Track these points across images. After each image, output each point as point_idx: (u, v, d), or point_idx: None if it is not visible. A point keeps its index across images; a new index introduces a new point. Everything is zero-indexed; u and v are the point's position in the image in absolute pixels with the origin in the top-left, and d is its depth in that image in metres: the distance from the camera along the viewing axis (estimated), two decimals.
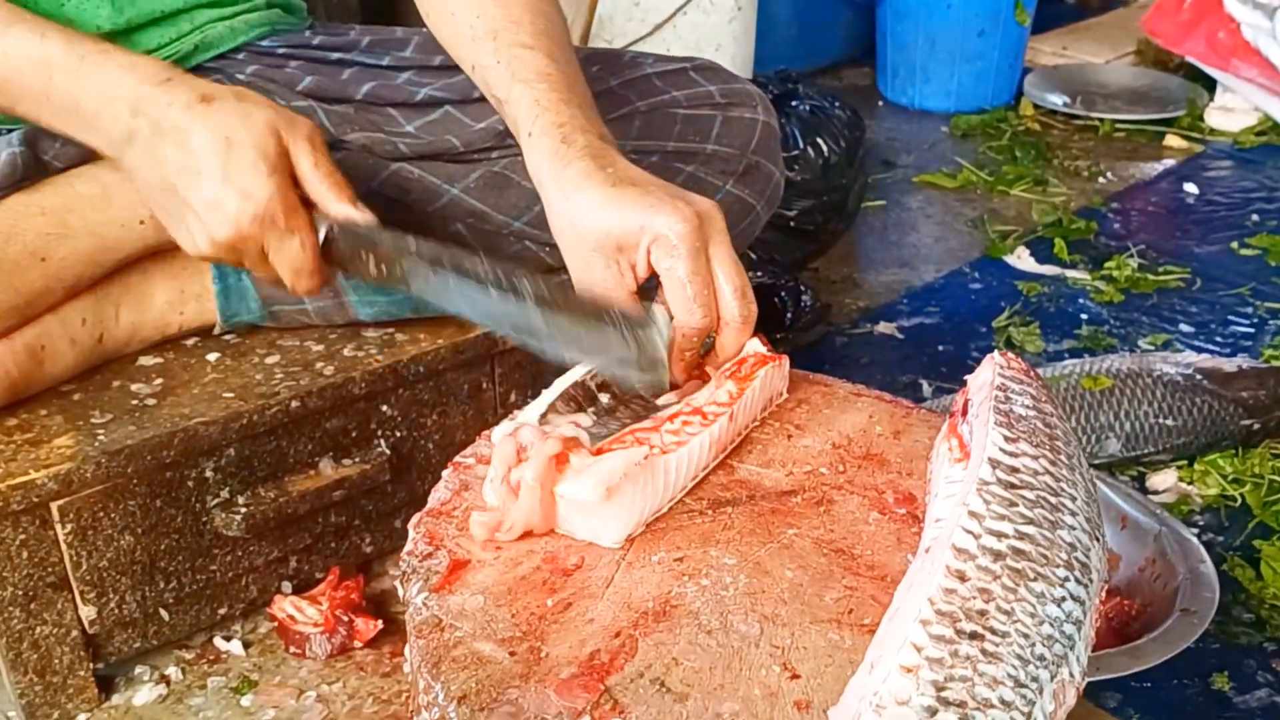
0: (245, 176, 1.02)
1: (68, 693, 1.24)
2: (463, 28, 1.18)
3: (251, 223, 1.03)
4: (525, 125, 1.07)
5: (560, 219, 1.03)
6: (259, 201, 1.02)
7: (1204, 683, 1.34)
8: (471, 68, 1.18)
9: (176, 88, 1.04)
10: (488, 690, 0.74)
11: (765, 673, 0.75)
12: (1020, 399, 0.86)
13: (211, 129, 1.02)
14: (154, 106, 1.03)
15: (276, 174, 1.03)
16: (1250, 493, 1.63)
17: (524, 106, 1.08)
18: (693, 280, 0.96)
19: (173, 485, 1.23)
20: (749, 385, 0.97)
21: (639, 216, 0.97)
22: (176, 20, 1.29)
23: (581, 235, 1.01)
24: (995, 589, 0.71)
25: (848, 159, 2.25)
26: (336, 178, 1.06)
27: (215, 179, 1.02)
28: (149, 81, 1.04)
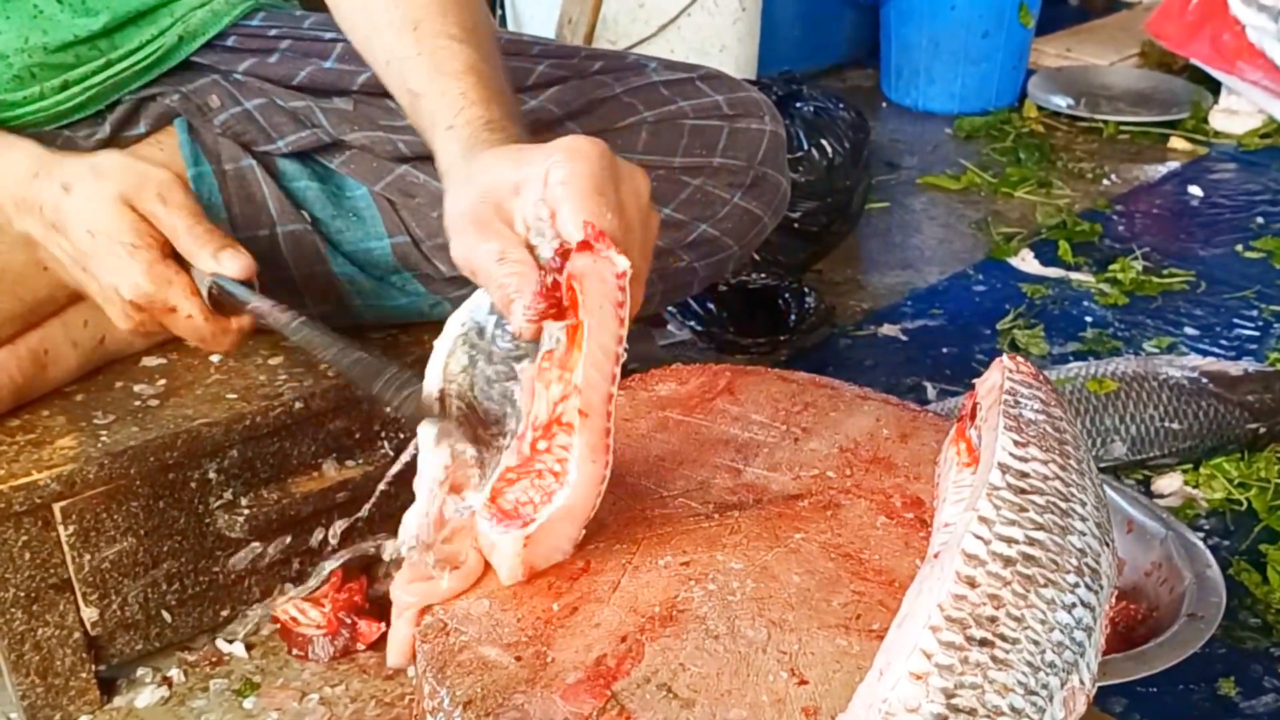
0: (111, 269, 1.02)
1: (69, 694, 1.24)
2: (378, 14, 1.10)
3: (135, 311, 1.04)
4: (445, 119, 0.98)
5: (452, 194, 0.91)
6: (128, 288, 1.02)
7: (1210, 688, 1.34)
8: (386, 62, 1.10)
9: (43, 184, 1.04)
10: (493, 695, 0.73)
11: (773, 679, 0.74)
12: (1030, 403, 0.85)
13: (75, 225, 1.02)
14: (31, 211, 1.05)
15: (137, 253, 1.02)
16: (1256, 496, 1.63)
17: (446, 99, 1.00)
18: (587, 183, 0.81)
19: (175, 486, 1.22)
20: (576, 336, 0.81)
21: (533, 154, 0.85)
22: (156, 16, 1.27)
23: (470, 191, 0.88)
24: (1005, 595, 0.70)
25: (852, 161, 2.24)
26: (199, 230, 1.03)
27: (93, 277, 1.04)
28: (21, 182, 1.05)
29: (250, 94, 1.30)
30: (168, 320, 1.05)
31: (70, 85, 1.23)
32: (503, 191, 0.85)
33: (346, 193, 1.33)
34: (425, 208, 1.31)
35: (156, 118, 1.29)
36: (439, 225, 1.31)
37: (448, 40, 1.05)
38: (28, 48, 1.20)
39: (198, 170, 1.28)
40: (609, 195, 0.82)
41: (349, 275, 1.31)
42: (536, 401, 0.83)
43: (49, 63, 1.21)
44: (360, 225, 1.32)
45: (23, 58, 1.20)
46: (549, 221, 0.82)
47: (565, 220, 0.81)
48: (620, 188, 0.84)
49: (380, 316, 1.34)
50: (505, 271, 0.82)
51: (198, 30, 1.31)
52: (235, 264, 1.04)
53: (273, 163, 1.31)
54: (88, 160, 1.07)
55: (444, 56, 1.04)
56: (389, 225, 1.32)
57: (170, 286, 1.03)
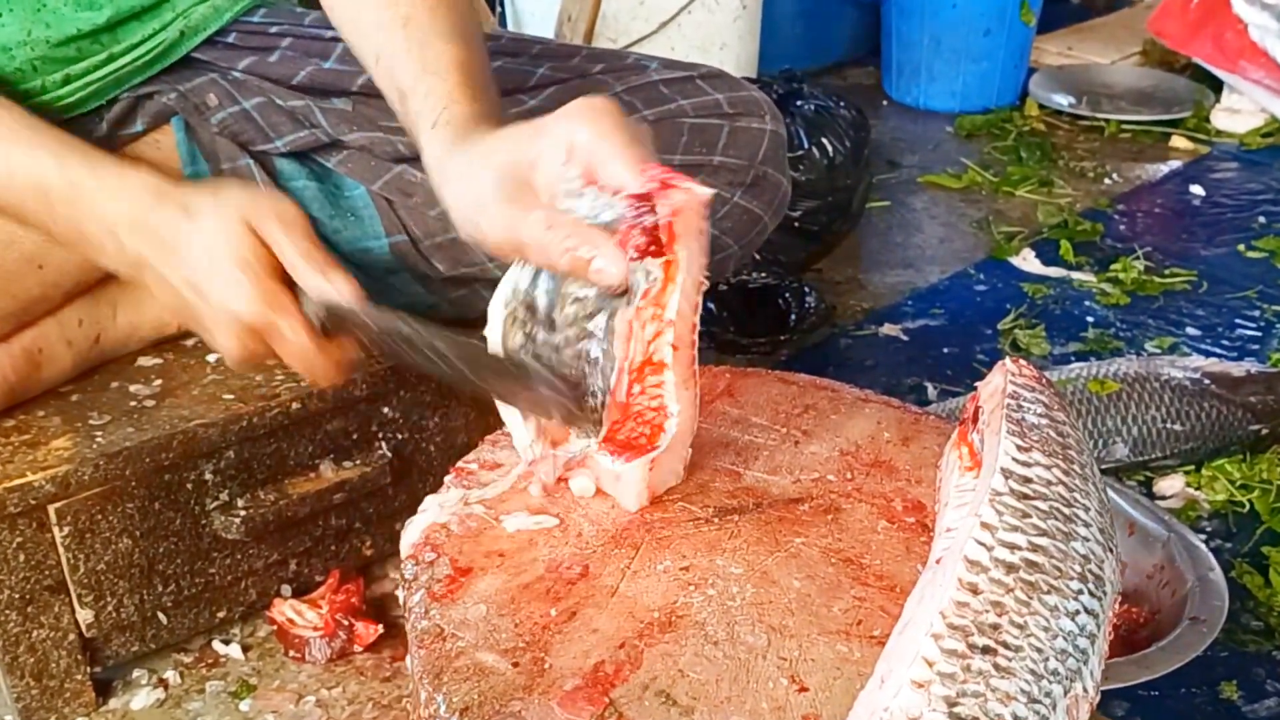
0: (227, 293, 1.00)
1: (65, 697, 1.23)
2: (369, 12, 1.12)
3: (248, 335, 1.01)
4: (430, 116, 1.01)
5: (458, 178, 0.95)
6: (240, 305, 1.00)
7: (1213, 691, 1.33)
8: (375, 59, 1.11)
9: (164, 208, 1.02)
10: (490, 702, 0.73)
11: (773, 685, 0.74)
12: (1032, 407, 0.84)
13: (194, 246, 1.01)
14: (148, 233, 1.02)
15: (249, 270, 1.00)
16: (1258, 498, 1.62)
17: (432, 98, 1.02)
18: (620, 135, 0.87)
19: (171, 488, 1.21)
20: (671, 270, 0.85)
21: (544, 129, 0.89)
22: (159, 10, 1.26)
23: (484, 174, 0.92)
24: (1008, 602, 0.70)
25: (853, 159, 2.23)
26: (313, 255, 1.02)
27: (208, 302, 1.01)
28: (139, 205, 1.03)
29: (249, 93, 1.29)
30: (277, 344, 1.02)
31: (72, 80, 1.22)
32: (520, 168, 0.89)
33: (344, 192, 1.32)
34: (423, 207, 1.31)
35: (154, 116, 1.28)
36: (437, 224, 1.31)
37: (435, 38, 1.06)
38: (30, 40, 1.19)
39: (195, 169, 1.27)
40: (639, 140, 0.86)
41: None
42: (632, 344, 0.86)
43: (51, 56, 1.20)
44: (358, 225, 1.31)
45: (25, 51, 1.19)
46: (582, 182, 0.86)
47: (617, 171, 0.85)
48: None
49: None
50: (563, 235, 0.85)
51: (199, 25, 1.30)
52: (345, 286, 1.01)
53: (270, 162, 1.30)
54: (209, 186, 1.07)
55: (431, 55, 1.05)
56: (387, 225, 1.31)
57: (281, 308, 1.00)
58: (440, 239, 1.32)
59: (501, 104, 1.06)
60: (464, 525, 0.88)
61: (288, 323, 1.00)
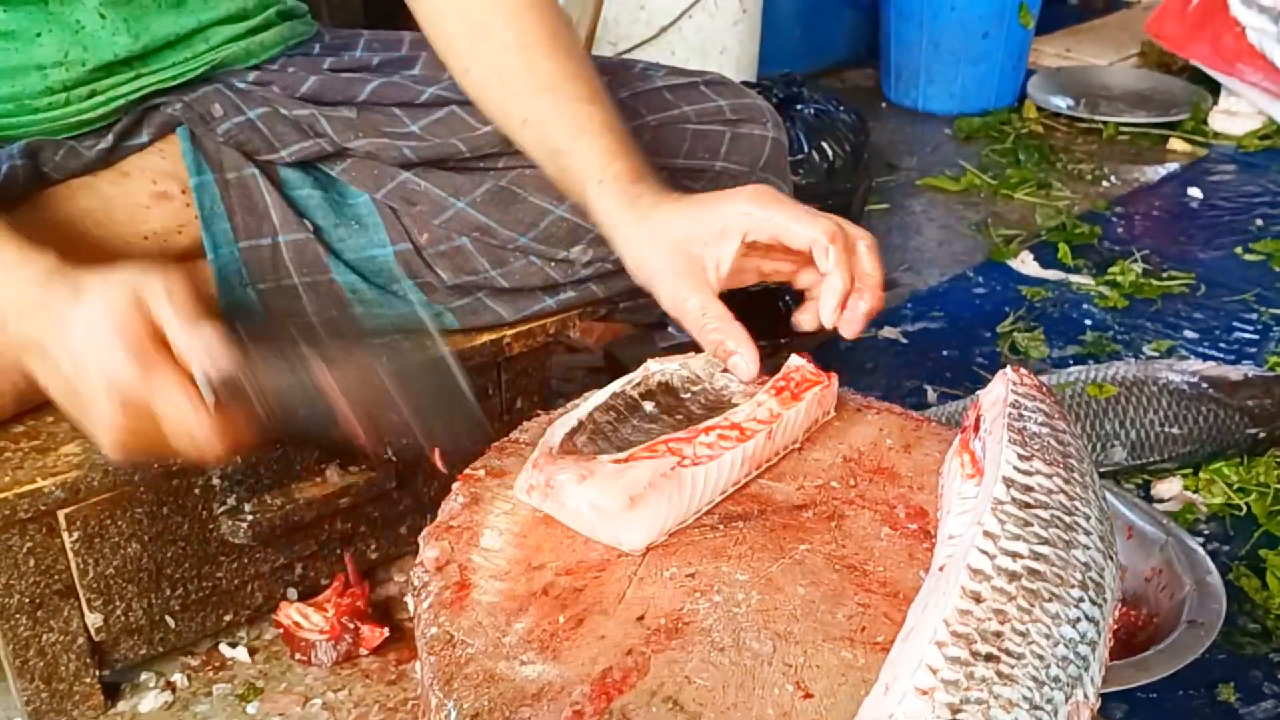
0: (104, 360, 0.92)
1: (73, 699, 1.24)
2: (515, 83, 1.20)
3: (128, 407, 0.92)
4: (595, 174, 1.12)
5: (635, 241, 1.07)
6: (121, 380, 0.91)
7: (1210, 694, 1.34)
8: (522, 122, 1.20)
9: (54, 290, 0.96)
10: (500, 709, 0.74)
11: (778, 692, 0.75)
12: (1033, 416, 0.85)
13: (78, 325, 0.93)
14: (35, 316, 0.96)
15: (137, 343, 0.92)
16: (1256, 502, 1.63)
17: (593, 156, 1.12)
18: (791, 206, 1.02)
19: (179, 493, 1.22)
20: (794, 406, 0.97)
21: (711, 208, 1.03)
22: (191, 41, 1.28)
23: (659, 246, 1.05)
24: (1010, 610, 0.71)
25: (852, 163, 2.24)
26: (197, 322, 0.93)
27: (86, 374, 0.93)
28: (30, 288, 0.96)
29: (253, 103, 1.30)
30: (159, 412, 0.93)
31: (97, 94, 1.24)
32: (692, 244, 1.03)
33: (348, 200, 1.33)
34: (427, 215, 1.32)
35: (159, 126, 1.29)
36: (441, 233, 1.32)
37: (581, 103, 1.16)
38: (66, 61, 1.20)
39: (200, 179, 1.27)
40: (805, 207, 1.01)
41: (351, 284, 1.31)
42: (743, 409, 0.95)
43: (83, 79, 1.22)
44: (363, 233, 1.32)
45: (60, 71, 1.20)
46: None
47: (801, 231, 1.01)
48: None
49: (382, 325, 1.34)
50: (711, 327, 1.02)
51: (227, 61, 1.32)
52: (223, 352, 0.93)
53: (275, 171, 1.31)
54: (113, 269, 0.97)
55: (582, 118, 1.15)
56: (391, 233, 1.32)
57: (161, 372, 0.92)
58: (444, 247, 1.33)
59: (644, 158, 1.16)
60: (473, 531, 0.89)
61: (170, 387, 0.92)
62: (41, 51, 1.19)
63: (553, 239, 1.33)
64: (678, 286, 1.03)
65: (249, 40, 1.34)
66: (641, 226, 1.07)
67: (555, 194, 1.32)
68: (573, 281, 1.38)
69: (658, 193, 1.09)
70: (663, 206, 1.06)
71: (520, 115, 1.20)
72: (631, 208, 1.08)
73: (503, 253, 1.34)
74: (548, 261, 1.34)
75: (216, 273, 1.28)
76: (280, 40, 1.38)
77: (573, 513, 0.87)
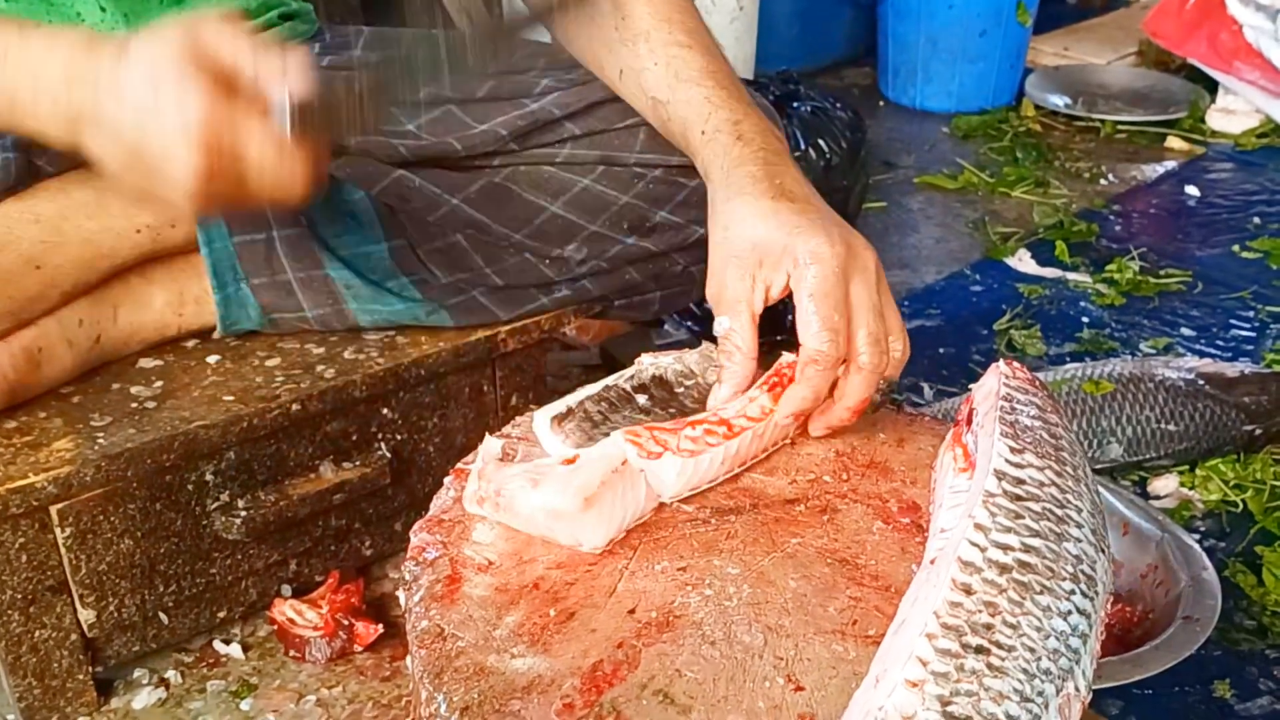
0: (178, 102, 0.89)
1: (66, 696, 1.24)
2: (607, 31, 1.16)
3: (209, 148, 0.89)
4: (698, 124, 1.07)
5: (718, 218, 1.03)
6: (201, 117, 0.88)
7: (1206, 690, 1.34)
8: (619, 73, 1.17)
9: (99, 54, 0.93)
10: (490, 701, 0.73)
11: (769, 685, 0.75)
12: (1026, 409, 0.85)
13: (136, 80, 0.90)
14: (83, 83, 0.93)
15: (210, 79, 0.89)
16: (1252, 498, 1.63)
17: (694, 106, 1.08)
18: (822, 302, 0.94)
19: (172, 489, 1.22)
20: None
21: (784, 235, 0.97)
22: None
23: (729, 238, 1.01)
24: (1001, 602, 0.70)
25: (849, 160, 2.24)
26: (261, 51, 0.92)
27: (159, 123, 0.90)
28: (73, 57, 0.94)
29: None
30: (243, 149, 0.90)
31: None
32: (753, 256, 0.98)
33: (344, 196, 1.33)
34: (422, 212, 1.32)
35: None
36: (435, 230, 1.32)
37: (679, 49, 1.12)
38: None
39: None
40: (836, 296, 0.95)
41: (345, 279, 1.31)
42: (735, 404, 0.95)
43: None
44: (358, 229, 1.32)
45: None
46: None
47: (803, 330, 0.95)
48: (850, 282, 0.96)
49: (376, 320, 1.34)
50: (722, 350, 0.99)
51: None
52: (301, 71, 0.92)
53: None
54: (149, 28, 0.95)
55: (680, 65, 1.11)
56: (386, 229, 1.32)
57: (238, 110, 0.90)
58: (439, 244, 1.33)
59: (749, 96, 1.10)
60: (464, 525, 0.89)
61: (252, 118, 0.90)
62: None
63: (547, 236, 1.33)
64: (724, 290, 1.00)
65: None
66: (725, 205, 1.02)
67: (550, 191, 1.32)
68: (567, 279, 1.38)
69: (757, 170, 1.02)
70: (745, 197, 1.01)
71: (617, 66, 1.17)
72: (725, 175, 1.03)
73: (497, 250, 1.34)
74: (542, 259, 1.34)
75: (210, 267, 1.28)
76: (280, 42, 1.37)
77: (527, 519, 0.87)
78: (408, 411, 1.36)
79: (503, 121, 1.32)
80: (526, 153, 1.33)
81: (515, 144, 1.32)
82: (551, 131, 1.33)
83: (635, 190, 1.32)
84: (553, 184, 1.32)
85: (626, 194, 1.32)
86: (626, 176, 1.32)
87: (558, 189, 1.32)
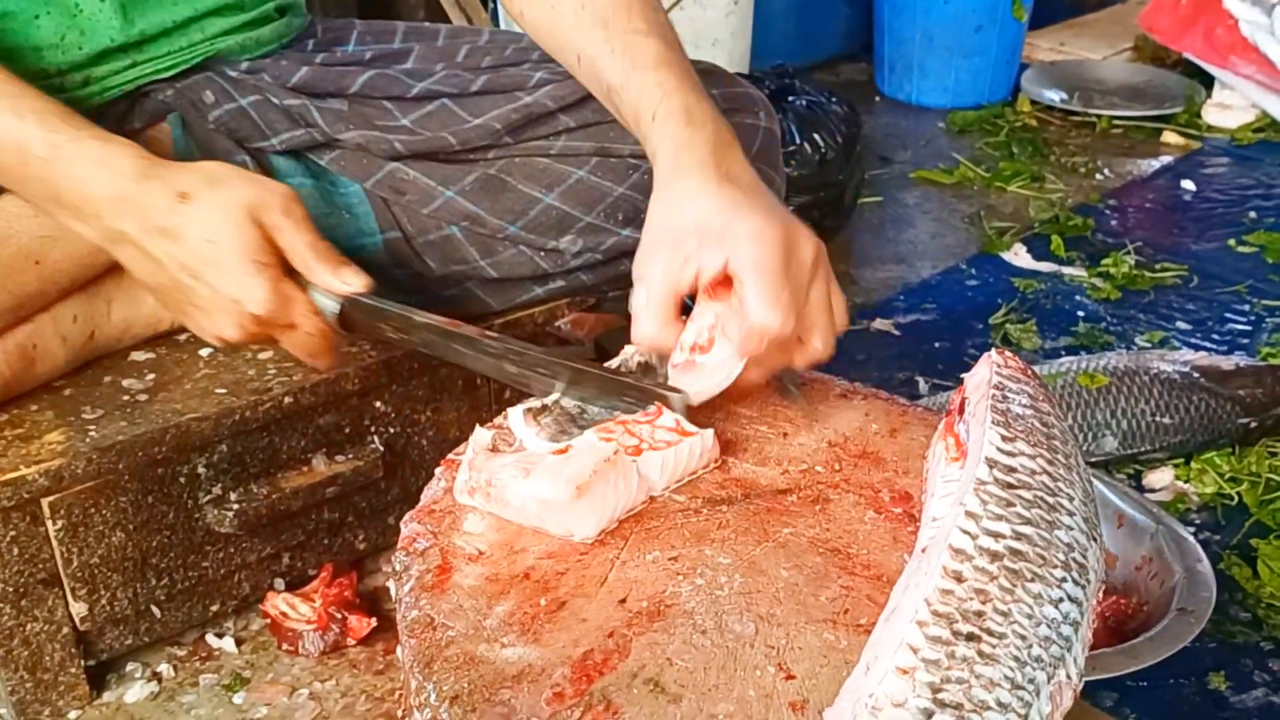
0: (235, 283, 1.02)
1: (59, 690, 1.24)
2: (566, 16, 1.16)
3: (253, 323, 1.04)
4: (648, 109, 1.06)
5: (659, 197, 1.01)
6: (254, 304, 1.03)
7: (1201, 682, 1.34)
8: (576, 59, 1.17)
9: (154, 188, 1.03)
10: (480, 691, 0.73)
11: (760, 673, 0.74)
12: (1018, 398, 0.85)
13: (194, 234, 1.02)
14: (134, 211, 1.03)
15: (264, 270, 1.03)
16: (1247, 491, 1.63)
17: (647, 92, 1.07)
18: (767, 276, 0.92)
19: (164, 481, 1.22)
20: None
21: (726, 217, 0.95)
22: (187, 30, 1.28)
23: (669, 216, 0.99)
24: (992, 590, 0.70)
25: (844, 155, 2.24)
26: (321, 248, 1.06)
27: (207, 285, 1.03)
28: (127, 179, 1.03)
29: (245, 91, 1.30)
30: (282, 335, 1.07)
31: (92, 82, 1.24)
32: (689, 239, 0.96)
33: (339, 190, 1.33)
34: (416, 204, 1.31)
35: (151, 114, 1.29)
36: (430, 222, 1.32)
37: (636, 36, 1.11)
38: (63, 45, 1.20)
39: None
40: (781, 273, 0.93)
41: None
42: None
43: (78, 62, 1.21)
44: (352, 222, 1.32)
45: (55, 54, 1.20)
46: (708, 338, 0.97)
47: (751, 303, 0.92)
48: (790, 263, 0.94)
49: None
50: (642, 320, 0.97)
51: (222, 54, 1.32)
52: (359, 280, 1.07)
53: (266, 159, 1.30)
54: (200, 169, 1.06)
55: (636, 52, 1.10)
56: (381, 222, 1.32)
57: (293, 303, 1.05)
58: (433, 236, 1.33)
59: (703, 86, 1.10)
60: (455, 515, 0.89)
61: (301, 318, 1.05)
62: (39, 33, 1.19)
63: (541, 228, 1.33)
64: (650, 265, 0.98)
65: (245, 35, 1.34)
66: (671, 184, 1.01)
67: (544, 183, 1.32)
68: (562, 271, 1.37)
69: (703, 155, 1.02)
70: (695, 179, 0.99)
71: (575, 52, 1.17)
72: (673, 159, 1.02)
73: (492, 242, 1.33)
74: (536, 251, 1.34)
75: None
76: (276, 37, 1.37)
77: (518, 510, 0.87)
78: (400, 405, 1.35)
79: (497, 115, 1.32)
80: (521, 145, 1.33)
81: (510, 137, 1.32)
82: (546, 124, 1.33)
83: (630, 181, 1.32)
84: (547, 175, 1.32)
85: (621, 185, 1.32)
86: (621, 168, 1.32)
87: (552, 180, 1.32)
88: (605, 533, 0.86)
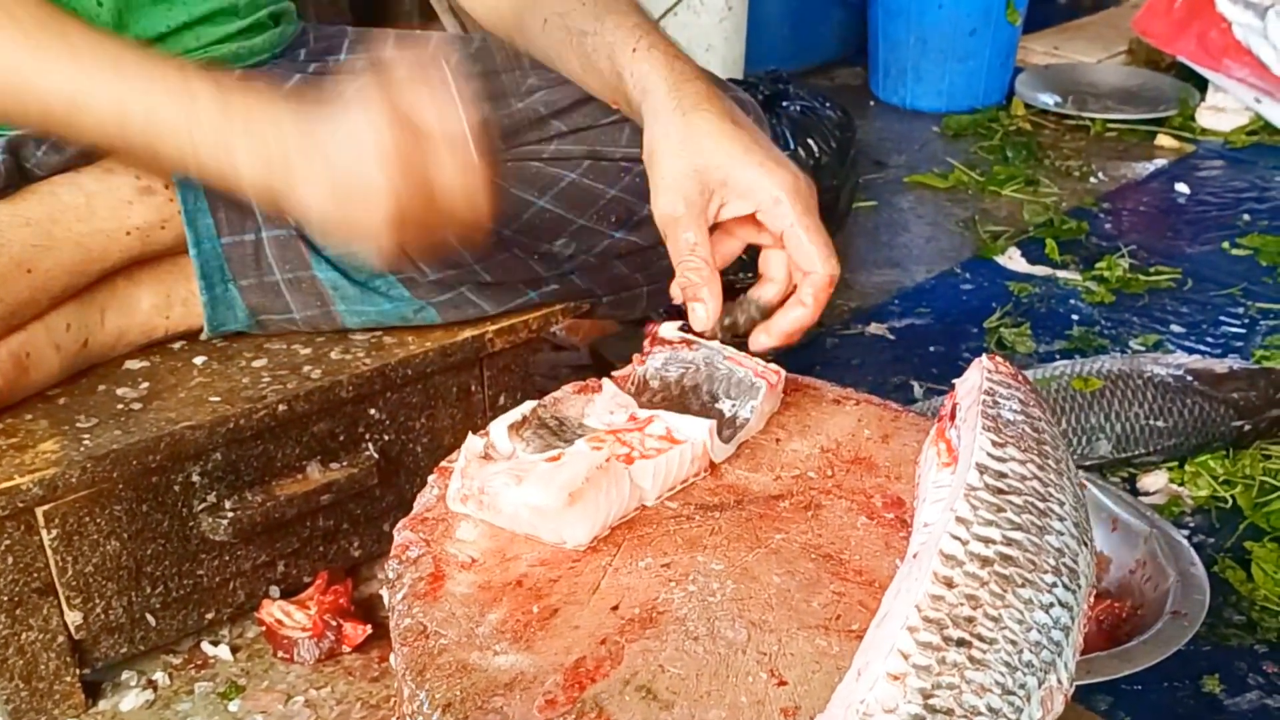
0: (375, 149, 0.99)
1: (54, 699, 1.24)
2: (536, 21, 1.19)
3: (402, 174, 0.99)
4: (629, 44, 1.07)
5: (672, 129, 1.02)
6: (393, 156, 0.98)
7: (1195, 685, 1.34)
8: (542, 22, 1.18)
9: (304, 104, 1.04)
10: (472, 698, 0.73)
11: (752, 680, 0.74)
12: (1008, 403, 0.85)
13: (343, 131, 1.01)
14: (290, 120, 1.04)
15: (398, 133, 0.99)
16: (1241, 494, 1.63)
17: (624, 31, 1.09)
18: (816, 230, 1.00)
19: (159, 490, 1.22)
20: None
21: (752, 168, 0.99)
22: (181, 36, 1.29)
23: (691, 151, 1.00)
24: (983, 595, 0.70)
25: (839, 160, 2.24)
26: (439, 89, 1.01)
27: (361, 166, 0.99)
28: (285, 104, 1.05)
29: None
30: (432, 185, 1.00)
31: None
32: (712, 175, 1.00)
33: None
34: None
35: None
36: None
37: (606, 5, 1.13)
38: None
39: None
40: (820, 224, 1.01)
41: (333, 280, 1.31)
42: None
43: None
44: None
45: None
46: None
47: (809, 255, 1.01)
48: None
49: (364, 321, 1.34)
50: (693, 265, 1.00)
51: (216, 61, 1.32)
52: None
53: None
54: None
55: (604, 7, 1.12)
56: None
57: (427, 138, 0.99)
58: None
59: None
60: (447, 523, 0.89)
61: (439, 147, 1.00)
62: None
63: (535, 231, 1.33)
64: (678, 208, 1.00)
65: (239, 43, 1.34)
66: (677, 119, 1.02)
67: (537, 186, 1.32)
68: (555, 275, 1.38)
69: (705, 88, 1.03)
70: (707, 114, 1.01)
71: (540, 15, 1.18)
72: (674, 90, 1.03)
73: (485, 246, 1.33)
74: (530, 254, 1.34)
75: (199, 268, 1.28)
76: (269, 46, 1.38)
77: (510, 517, 0.87)
78: (395, 412, 1.35)
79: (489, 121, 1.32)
80: (513, 150, 1.33)
81: (502, 142, 1.32)
82: (538, 129, 1.33)
83: (622, 184, 1.32)
84: (540, 179, 1.32)
85: (613, 188, 1.32)
86: (613, 171, 1.32)
87: (545, 184, 1.32)
88: (598, 540, 0.86)
